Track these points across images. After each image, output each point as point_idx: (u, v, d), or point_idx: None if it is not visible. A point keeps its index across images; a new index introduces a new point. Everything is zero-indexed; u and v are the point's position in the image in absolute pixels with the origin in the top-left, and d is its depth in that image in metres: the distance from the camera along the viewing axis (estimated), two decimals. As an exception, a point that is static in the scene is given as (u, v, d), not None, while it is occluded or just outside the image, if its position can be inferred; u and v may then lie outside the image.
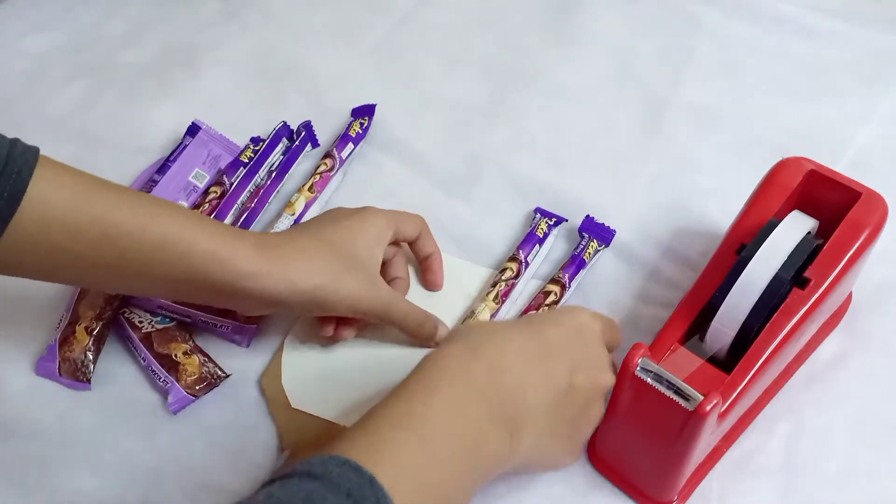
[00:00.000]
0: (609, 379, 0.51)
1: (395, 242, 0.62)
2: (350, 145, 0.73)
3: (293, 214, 0.68)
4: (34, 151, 0.50)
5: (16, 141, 0.50)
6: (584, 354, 0.50)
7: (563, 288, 0.63)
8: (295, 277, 0.54)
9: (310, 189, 0.70)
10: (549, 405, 0.49)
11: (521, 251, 0.66)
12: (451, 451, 0.44)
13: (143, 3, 0.90)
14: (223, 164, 0.72)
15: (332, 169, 0.71)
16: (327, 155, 0.72)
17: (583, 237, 0.67)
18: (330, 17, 0.87)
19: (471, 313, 0.63)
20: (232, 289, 0.53)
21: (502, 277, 0.64)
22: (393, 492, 0.39)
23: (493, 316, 0.63)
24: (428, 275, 0.65)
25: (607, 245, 0.67)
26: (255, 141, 0.74)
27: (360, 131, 0.74)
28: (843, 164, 0.72)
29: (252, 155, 0.72)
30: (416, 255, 0.65)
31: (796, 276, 0.52)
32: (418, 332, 0.60)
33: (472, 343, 0.48)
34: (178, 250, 0.52)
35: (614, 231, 0.67)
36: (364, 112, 0.76)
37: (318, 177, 0.71)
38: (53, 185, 0.50)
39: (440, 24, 0.86)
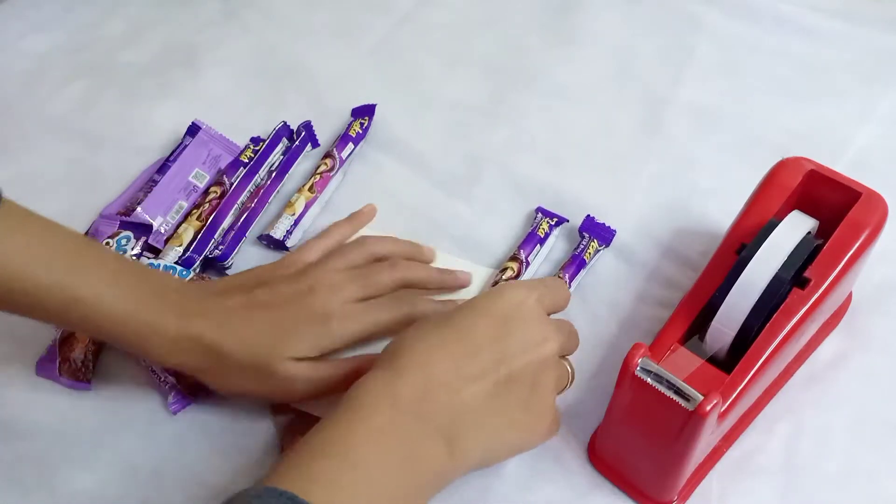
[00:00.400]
0: (551, 346, 0.50)
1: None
2: (350, 145, 0.73)
3: (293, 214, 0.68)
4: None
5: None
6: (517, 338, 0.50)
7: (564, 288, 0.63)
8: (208, 383, 0.56)
9: (310, 189, 0.70)
10: (487, 402, 0.48)
11: (521, 251, 0.66)
12: (385, 473, 0.44)
13: (143, 3, 0.90)
14: (223, 164, 0.72)
15: (332, 169, 0.71)
16: (327, 155, 0.72)
17: (583, 237, 0.67)
18: (330, 17, 0.87)
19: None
20: (157, 361, 0.56)
21: (503, 277, 0.64)
22: None
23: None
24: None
25: (608, 245, 0.67)
26: (255, 141, 0.74)
27: (360, 131, 0.74)
28: (843, 164, 0.72)
29: (252, 155, 0.72)
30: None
31: (796, 276, 0.52)
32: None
33: (396, 362, 0.48)
34: (101, 330, 0.52)
35: (615, 231, 0.67)
36: (364, 112, 0.76)
37: (318, 177, 0.71)
38: (18, 235, 0.50)
39: (440, 24, 0.86)
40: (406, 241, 0.64)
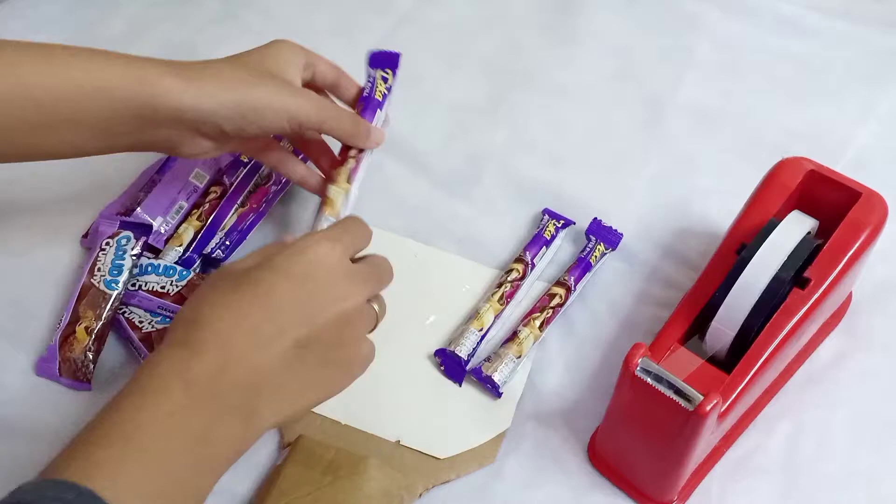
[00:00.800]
0: (354, 300, 0.48)
1: (313, 86, 0.62)
2: (379, 112, 0.65)
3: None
4: None
5: None
6: (319, 299, 0.47)
7: (569, 291, 0.63)
8: (214, 90, 0.55)
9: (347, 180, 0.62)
10: (287, 369, 0.46)
11: (527, 252, 0.66)
12: (175, 456, 0.42)
13: (143, 3, 0.90)
14: (223, 164, 0.72)
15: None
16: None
17: (589, 240, 0.67)
18: (330, 17, 0.87)
19: (475, 312, 0.63)
20: (154, 112, 0.54)
21: (508, 278, 0.64)
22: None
23: (497, 317, 0.63)
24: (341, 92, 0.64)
25: (614, 249, 0.67)
26: (256, 141, 0.74)
27: (386, 91, 0.66)
28: (843, 164, 0.72)
29: (252, 155, 0.72)
30: (340, 97, 0.64)
31: (796, 276, 0.52)
32: (354, 136, 0.60)
33: (192, 336, 0.45)
34: (95, 85, 0.52)
35: (621, 234, 0.67)
36: (386, 61, 0.68)
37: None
38: None
39: (440, 24, 0.86)
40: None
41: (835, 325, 0.62)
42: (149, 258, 0.66)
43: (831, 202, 0.56)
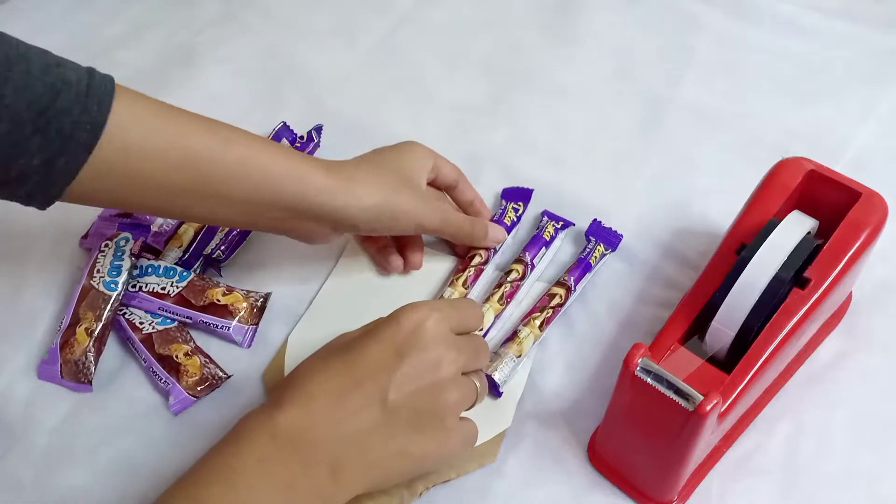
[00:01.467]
0: (447, 369, 0.49)
1: (434, 185, 0.65)
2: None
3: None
4: (110, 80, 0.51)
5: (92, 71, 0.51)
6: (408, 364, 0.48)
7: (568, 291, 0.63)
8: (362, 193, 0.57)
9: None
10: (372, 432, 0.47)
11: (526, 253, 0.66)
12: (268, 498, 0.45)
13: (143, 5, 0.90)
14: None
15: (486, 261, 0.66)
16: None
17: (589, 241, 0.67)
18: (330, 17, 0.87)
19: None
20: (304, 206, 0.56)
21: (507, 279, 0.64)
22: None
23: (497, 317, 0.63)
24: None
25: (614, 249, 0.67)
26: (256, 141, 0.74)
27: (515, 219, 0.69)
28: (843, 164, 0.72)
29: (252, 155, 0.72)
30: (457, 202, 0.67)
31: (796, 276, 0.52)
32: (471, 240, 0.64)
33: (281, 397, 0.48)
34: (256, 169, 0.54)
35: (621, 235, 0.67)
36: (519, 196, 0.70)
37: (471, 270, 0.65)
38: (131, 112, 0.51)
39: (440, 24, 0.86)
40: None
41: (835, 325, 0.62)
42: (149, 259, 0.66)
43: (831, 202, 0.56)
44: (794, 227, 0.53)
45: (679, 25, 0.84)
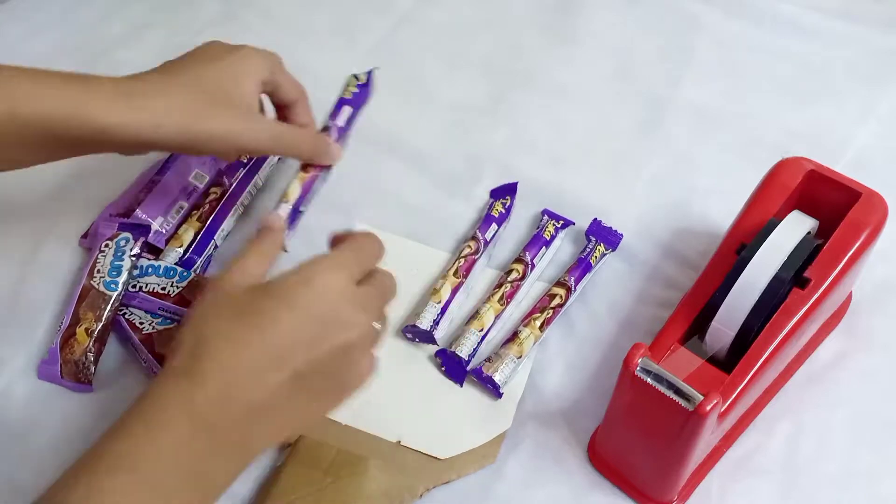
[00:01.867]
0: (358, 331, 0.47)
1: (273, 100, 0.61)
2: (494, 226, 0.68)
3: (439, 302, 0.63)
4: None
5: None
6: (321, 325, 0.46)
7: (569, 291, 0.63)
8: (158, 120, 0.53)
9: (455, 273, 0.64)
10: (289, 396, 0.45)
11: (527, 253, 0.66)
12: (177, 486, 0.43)
13: (143, 5, 0.90)
14: (223, 165, 0.72)
15: (476, 252, 0.66)
16: (472, 237, 0.67)
17: (589, 240, 0.67)
18: (330, 17, 0.87)
19: (475, 313, 0.63)
20: (99, 142, 0.53)
21: (508, 279, 0.64)
22: None
23: (497, 317, 0.63)
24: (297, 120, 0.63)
25: (614, 249, 0.67)
26: (256, 141, 0.74)
27: (504, 211, 0.69)
28: (843, 164, 0.72)
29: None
30: (292, 122, 0.63)
31: (796, 276, 0.52)
32: (315, 157, 0.60)
33: (196, 365, 0.44)
34: (34, 116, 0.52)
35: (621, 235, 0.67)
36: (505, 192, 0.71)
37: (462, 260, 0.65)
38: None
39: (440, 24, 0.86)
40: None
41: (835, 325, 0.62)
42: (149, 259, 0.66)
43: (831, 202, 0.56)
44: (794, 227, 0.53)
45: (679, 25, 0.84)
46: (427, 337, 0.61)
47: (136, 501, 0.41)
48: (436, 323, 0.62)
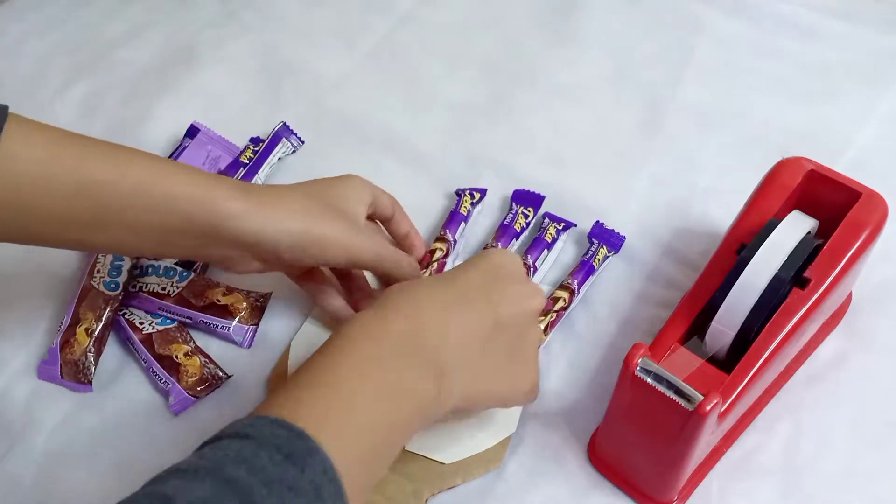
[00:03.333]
0: (538, 301, 0.52)
1: (371, 218, 0.62)
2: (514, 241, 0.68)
3: None
4: (3, 108, 0.49)
5: None
6: (505, 289, 0.51)
7: (572, 294, 0.63)
8: (283, 217, 0.53)
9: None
10: (476, 343, 0.49)
11: (529, 256, 0.66)
12: (373, 401, 0.45)
13: (143, 5, 0.90)
14: (223, 165, 0.73)
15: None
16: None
17: (592, 243, 0.67)
18: (330, 17, 0.87)
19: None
20: (216, 232, 0.52)
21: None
22: (322, 442, 0.40)
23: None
24: (413, 252, 0.65)
25: (617, 252, 0.67)
26: (255, 141, 0.74)
27: (525, 225, 0.68)
28: (843, 164, 0.72)
29: (252, 155, 0.72)
30: (392, 234, 0.65)
31: (796, 276, 0.52)
32: (405, 276, 0.60)
33: (385, 305, 0.49)
34: (158, 194, 0.51)
35: (624, 237, 0.67)
36: (530, 200, 0.70)
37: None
38: (23, 141, 0.49)
39: (440, 24, 0.86)
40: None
41: (835, 325, 0.62)
42: (149, 259, 0.66)
43: (831, 202, 0.56)
44: (794, 227, 0.53)
45: (679, 25, 0.84)
46: None
47: (336, 409, 0.44)
48: None
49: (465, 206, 0.68)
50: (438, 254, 0.66)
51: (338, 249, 0.55)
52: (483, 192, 0.71)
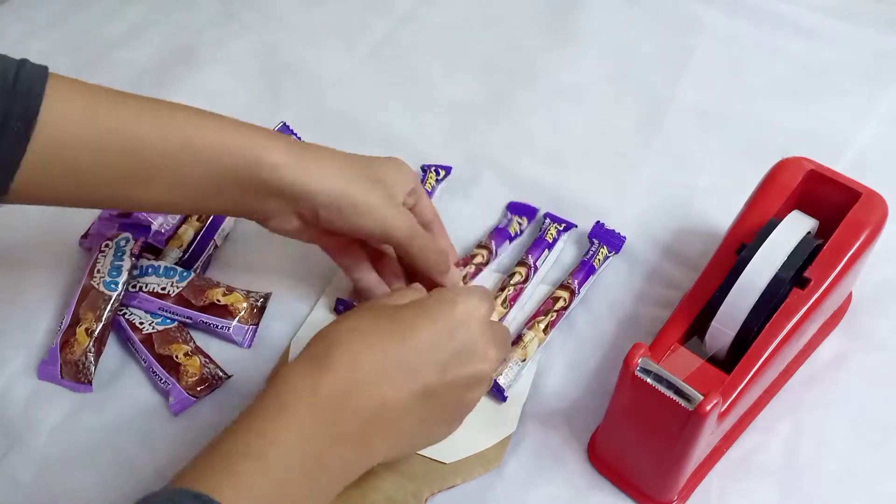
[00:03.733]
0: (488, 366, 0.49)
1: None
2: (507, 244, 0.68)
3: None
4: (43, 69, 0.50)
5: (24, 61, 0.50)
6: (458, 349, 0.48)
7: (573, 294, 0.63)
8: (326, 175, 0.53)
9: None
10: (409, 408, 0.47)
11: (529, 255, 0.66)
12: (299, 473, 0.44)
13: (143, 5, 0.90)
14: (223, 165, 0.72)
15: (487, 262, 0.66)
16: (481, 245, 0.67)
17: (592, 243, 0.67)
18: (330, 17, 0.88)
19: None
20: (258, 182, 0.52)
21: (511, 282, 0.64)
22: None
23: (501, 320, 0.63)
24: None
25: (617, 252, 0.67)
26: (256, 141, 0.74)
27: (519, 231, 0.69)
28: (843, 164, 0.72)
29: (252, 155, 0.72)
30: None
31: (796, 276, 0.52)
32: (435, 266, 0.59)
33: (324, 358, 0.46)
34: (204, 147, 0.51)
35: (624, 238, 0.67)
36: (524, 211, 0.70)
37: (472, 268, 0.66)
38: (66, 100, 0.49)
39: (440, 24, 0.86)
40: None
41: (835, 325, 0.62)
42: (149, 259, 0.66)
43: (831, 202, 0.56)
44: (794, 227, 0.53)
45: (679, 25, 0.84)
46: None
47: (262, 484, 0.42)
48: None
49: (429, 183, 0.68)
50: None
51: (371, 218, 0.55)
52: (448, 169, 0.71)
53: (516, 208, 0.70)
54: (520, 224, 0.69)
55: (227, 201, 0.54)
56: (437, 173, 0.70)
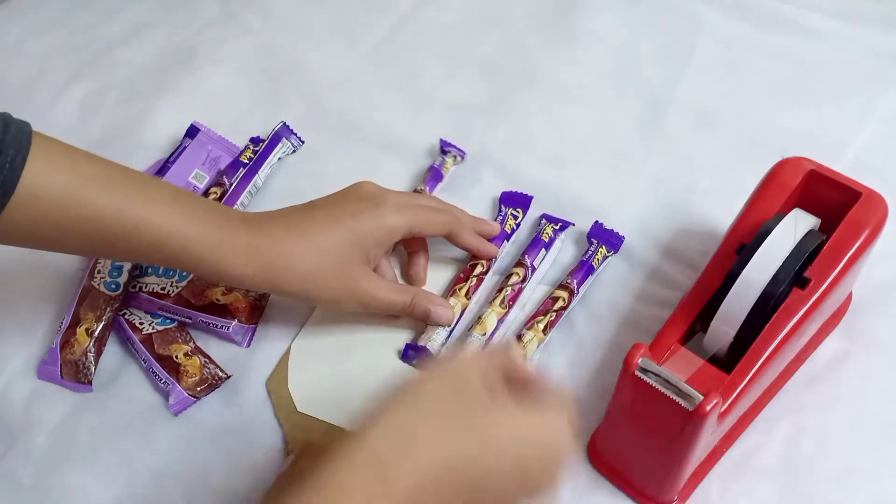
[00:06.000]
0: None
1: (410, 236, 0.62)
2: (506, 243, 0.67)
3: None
4: (27, 133, 0.50)
5: (8, 120, 0.49)
6: (523, 489, 0.44)
7: (572, 294, 0.63)
8: (281, 284, 0.56)
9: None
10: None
11: (526, 256, 0.66)
12: None
13: (143, 5, 0.90)
14: (223, 165, 0.73)
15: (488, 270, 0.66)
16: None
17: (591, 243, 0.67)
18: (330, 17, 0.88)
19: (477, 318, 0.62)
20: (228, 281, 0.57)
21: (508, 283, 0.64)
22: None
23: (500, 320, 0.62)
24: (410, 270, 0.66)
25: (616, 251, 0.67)
26: (255, 141, 0.74)
27: (515, 227, 0.68)
28: (843, 164, 0.72)
29: (252, 155, 0.73)
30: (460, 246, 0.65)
31: (796, 276, 0.52)
32: (408, 315, 0.61)
33: (389, 470, 0.40)
34: (168, 252, 0.54)
35: (623, 237, 0.67)
36: (518, 202, 0.70)
37: (472, 278, 0.65)
38: (47, 176, 0.50)
39: (440, 24, 0.86)
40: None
41: (835, 325, 0.62)
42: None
43: (831, 202, 0.56)
44: (795, 227, 0.53)
45: (679, 25, 0.84)
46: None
47: None
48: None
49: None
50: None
51: (345, 305, 0.58)
52: (462, 154, 0.73)
53: (509, 199, 0.70)
54: (515, 217, 0.69)
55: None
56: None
